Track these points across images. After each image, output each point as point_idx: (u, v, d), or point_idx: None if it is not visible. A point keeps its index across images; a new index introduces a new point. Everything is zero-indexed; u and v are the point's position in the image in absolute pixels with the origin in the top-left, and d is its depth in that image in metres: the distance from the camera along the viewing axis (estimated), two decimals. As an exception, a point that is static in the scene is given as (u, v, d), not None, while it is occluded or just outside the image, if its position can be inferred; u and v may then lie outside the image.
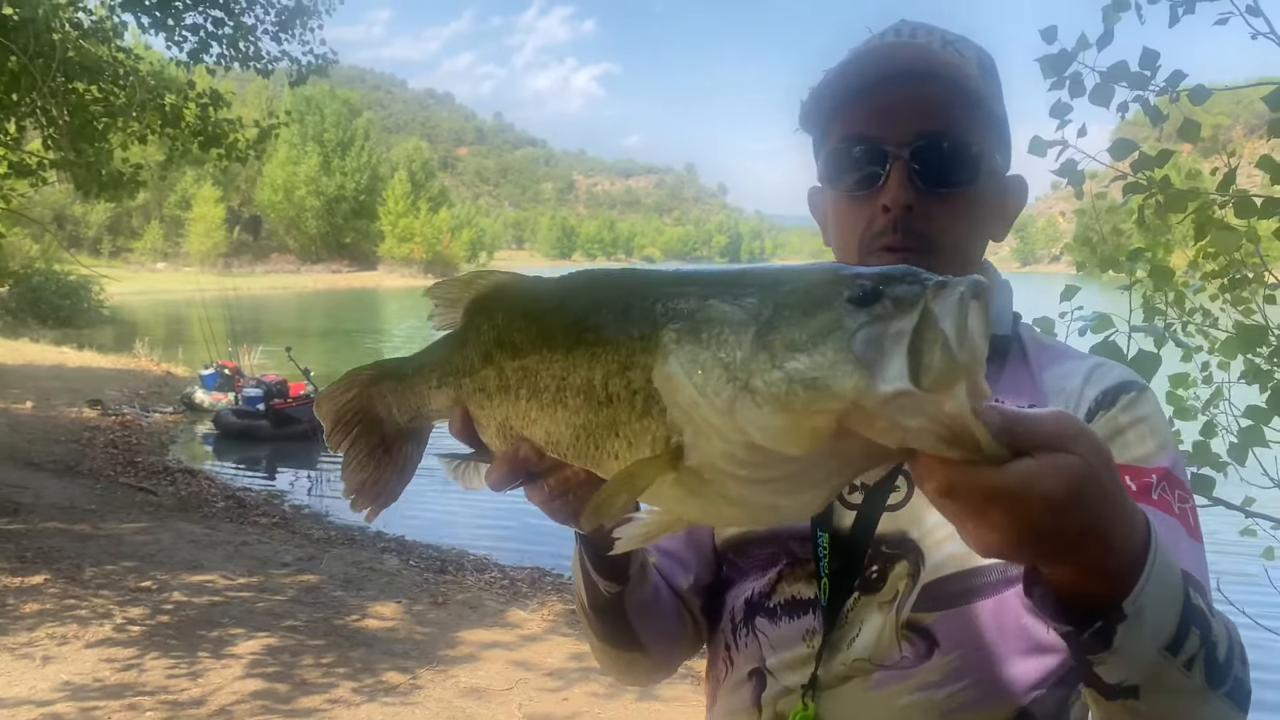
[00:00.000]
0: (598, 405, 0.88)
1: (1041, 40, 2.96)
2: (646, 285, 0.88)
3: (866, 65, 1.26)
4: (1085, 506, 0.77)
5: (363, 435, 1.16)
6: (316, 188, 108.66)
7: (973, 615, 1.22)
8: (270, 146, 12.58)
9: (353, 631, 7.02)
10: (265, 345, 24.87)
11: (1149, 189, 2.70)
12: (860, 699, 1.25)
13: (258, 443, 16.64)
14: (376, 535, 10.49)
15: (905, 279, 0.76)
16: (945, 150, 1.25)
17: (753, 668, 1.33)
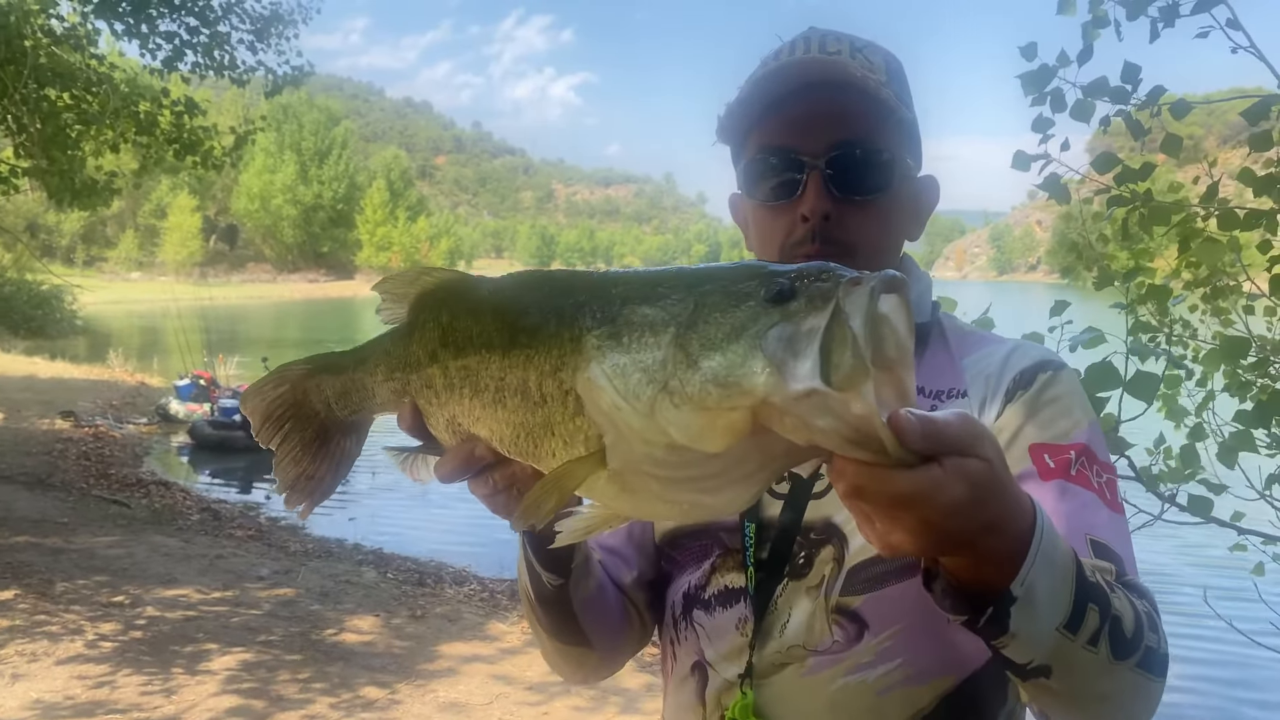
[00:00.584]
0: (533, 405, 0.90)
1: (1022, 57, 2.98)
2: (578, 288, 0.90)
3: (780, 79, 1.28)
4: (986, 505, 0.80)
5: (295, 430, 1.15)
6: (293, 196, 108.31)
7: (900, 595, 1.23)
8: (248, 154, 12.54)
9: (330, 645, 6.93)
10: (241, 355, 24.65)
11: (1132, 202, 2.70)
12: (796, 685, 1.26)
13: (233, 454, 16.43)
14: (354, 548, 10.39)
15: (820, 276, 0.78)
16: (859, 159, 1.28)
17: (694, 661, 1.36)
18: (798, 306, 0.77)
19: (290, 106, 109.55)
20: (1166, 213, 2.70)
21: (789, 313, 0.77)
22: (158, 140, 10.46)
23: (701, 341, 0.79)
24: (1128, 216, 2.74)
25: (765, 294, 0.79)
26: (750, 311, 0.79)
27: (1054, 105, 2.93)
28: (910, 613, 1.23)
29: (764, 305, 0.78)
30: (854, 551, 1.26)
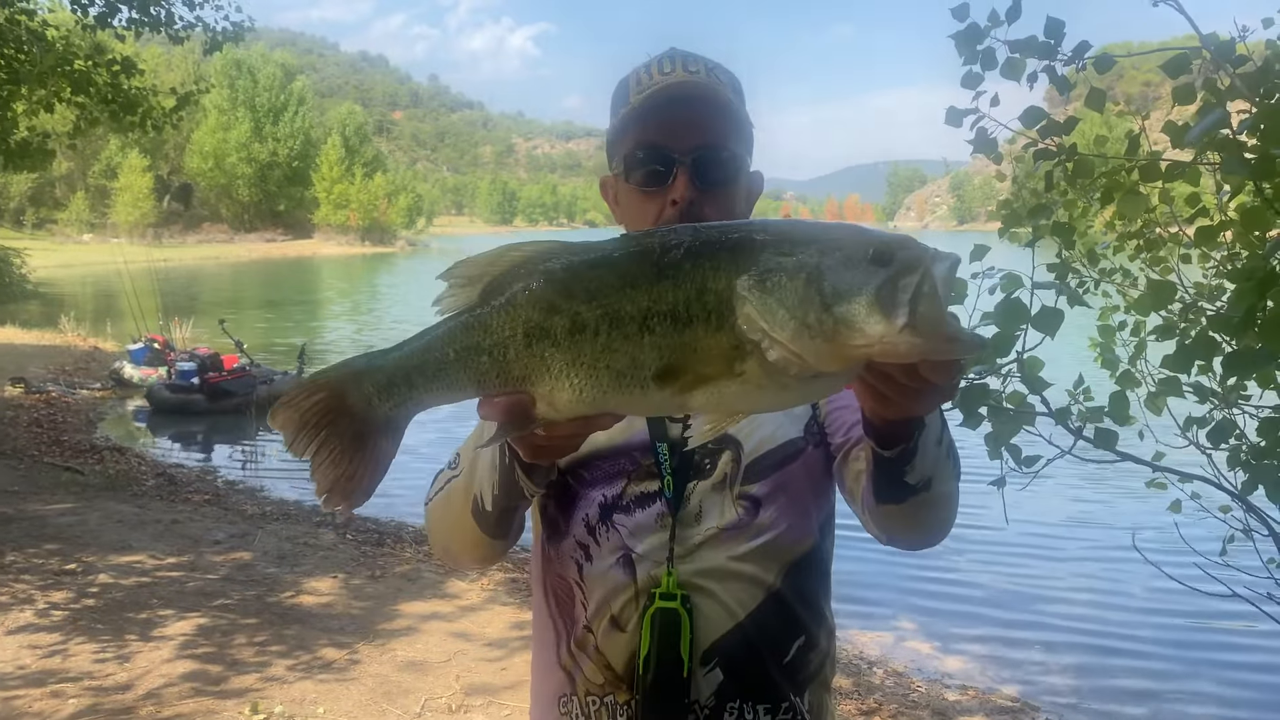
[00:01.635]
0: (681, 326, 1.11)
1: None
2: (705, 231, 1.15)
3: (658, 93, 1.63)
4: None
5: (334, 434, 1.23)
6: (248, 154, 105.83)
7: (783, 478, 1.68)
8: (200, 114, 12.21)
9: (287, 608, 6.94)
10: (198, 317, 24.32)
11: (1058, 155, 2.72)
12: (710, 555, 1.64)
13: (192, 418, 16.29)
14: (313, 510, 10.33)
15: (906, 245, 1.07)
16: (716, 157, 1.64)
17: (620, 555, 1.66)
18: (898, 269, 1.04)
19: (244, 62, 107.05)
20: (1091, 165, 2.73)
21: (892, 273, 1.04)
22: (93, 100, 10.17)
23: (832, 289, 1.05)
24: (1053, 169, 2.77)
25: (871, 255, 1.06)
26: (865, 270, 1.05)
27: (985, 64, 2.94)
28: (789, 491, 1.68)
29: (872, 265, 1.05)
30: (748, 451, 1.68)
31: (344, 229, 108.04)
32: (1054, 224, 2.75)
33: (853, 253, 1.07)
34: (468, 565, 1.78)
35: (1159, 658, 7.18)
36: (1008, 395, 2.87)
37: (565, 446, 1.36)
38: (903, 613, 8.00)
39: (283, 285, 55.41)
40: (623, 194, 1.74)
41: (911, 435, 1.35)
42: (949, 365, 1.10)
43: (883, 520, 1.55)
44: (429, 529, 1.79)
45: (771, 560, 1.66)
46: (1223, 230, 2.87)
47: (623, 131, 1.69)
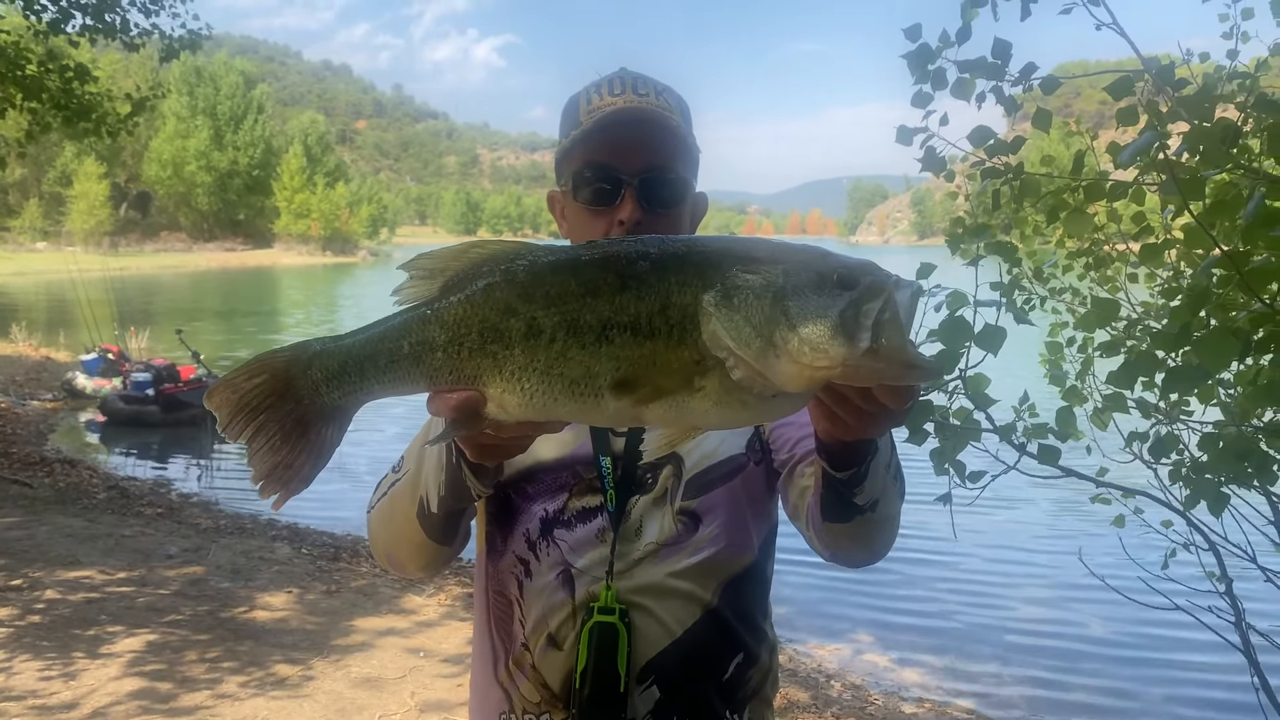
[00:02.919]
0: (641, 339, 1.11)
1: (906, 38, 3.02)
2: (671, 241, 1.16)
3: (609, 115, 1.66)
4: None
5: (273, 419, 1.20)
6: (208, 162, 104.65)
7: (721, 494, 1.70)
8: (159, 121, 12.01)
9: (240, 624, 6.83)
10: (155, 327, 23.95)
11: (1005, 174, 2.76)
12: (650, 571, 1.65)
13: (147, 429, 16.02)
14: (268, 523, 10.21)
15: (871, 271, 1.09)
16: (666, 180, 1.68)
17: (560, 570, 1.67)
18: (862, 293, 1.06)
19: (205, 69, 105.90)
20: (1037, 185, 2.77)
21: (856, 296, 1.06)
22: (45, 106, 9.98)
23: (798, 310, 1.07)
24: (999, 188, 2.81)
25: (836, 279, 1.08)
26: (830, 293, 1.07)
27: (935, 84, 2.98)
28: (729, 507, 1.70)
29: (837, 288, 1.07)
30: (689, 467, 1.70)
31: (305, 238, 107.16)
32: (994, 243, 2.79)
33: (818, 275, 1.09)
34: (412, 572, 1.74)
35: (1112, 672, 7.26)
36: (954, 411, 2.90)
37: (512, 448, 1.35)
38: (860, 626, 8.05)
39: (242, 295, 54.77)
40: (570, 211, 1.76)
41: (864, 459, 1.37)
42: (905, 390, 1.11)
43: (827, 538, 1.56)
44: (371, 535, 1.76)
45: (709, 577, 1.68)
46: (1167, 249, 2.93)
47: (572, 150, 1.71)
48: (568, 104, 1.78)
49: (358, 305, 46.02)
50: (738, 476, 1.73)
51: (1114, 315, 2.63)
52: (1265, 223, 1.81)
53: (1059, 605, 8.50)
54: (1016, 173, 2.75)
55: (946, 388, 2.86)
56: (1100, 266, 3.96)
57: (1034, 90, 2.82)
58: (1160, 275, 3.52)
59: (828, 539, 1.57)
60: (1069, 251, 4.02)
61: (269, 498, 1.22)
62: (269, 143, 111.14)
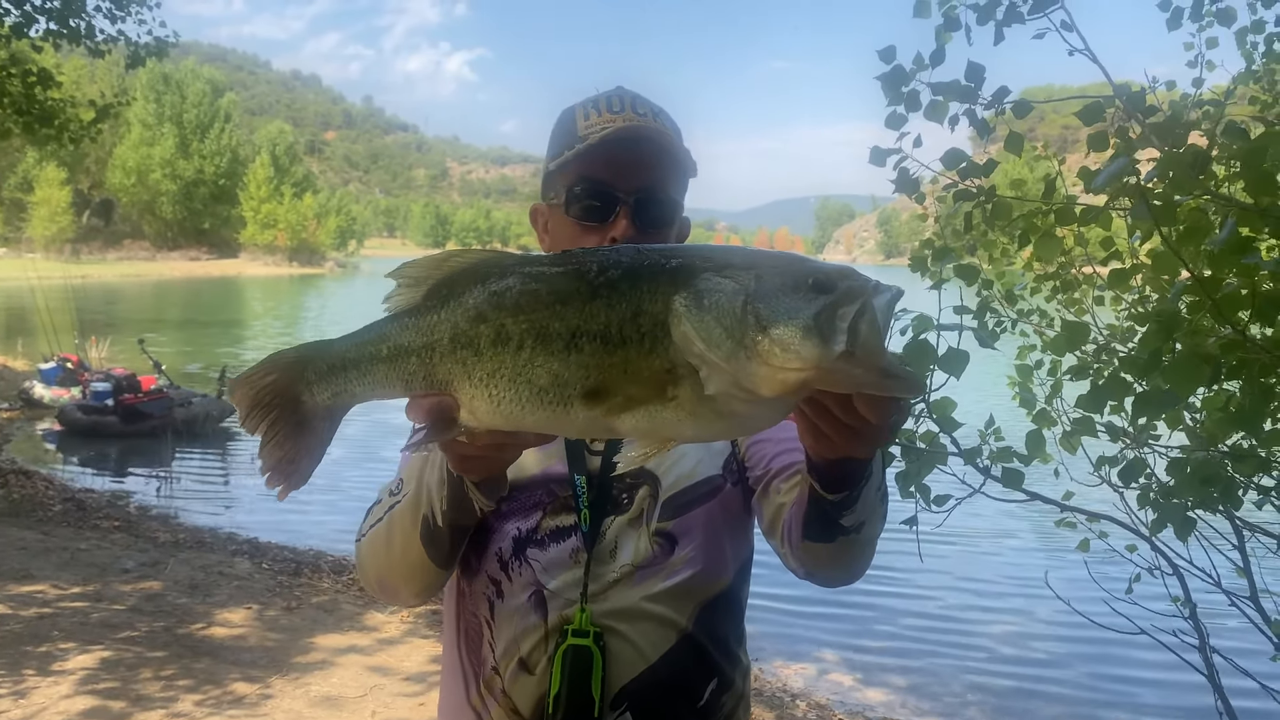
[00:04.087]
0: (612, 347, 1.09)
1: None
2: (647, 251, 1.14)
3: (610, 133, 1.65)
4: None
5: (281, 416, 1.26)
6: (173, 171, 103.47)
7: (699, 516, 1.68)
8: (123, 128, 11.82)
9: (197, 640, 6.70)
10: (116, 337, 23.59)
11: (978, 197, 2.77)
12: (625, 594, 1.62)
13: (105, 440, 15.74)
14: (228, 537, 10.07)
15: (849, 276, 1.07)
16: (659, 200, 1.69)
17: (531, 591, 1.64)
18: (838, 297, 1.04)
19: (172, 77, 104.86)
20: (1009, 208, 2.79)
21: (832, 300, 1.03)
22: (6, 111, 9.80)
23: (770, 312, 1.04)
24: (972, 211, 2.82)
25: (811, 283, 1.05)
26: (804, 296, 1.04)
27: (909, 105, 2.99)
28: (706, 529, 1.67)
29: (812, 292, 1.04)
30: (666, 487, 1.67)
31: (271, 249, 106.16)
32: (958, 266, 2.80)
33: (794, 279, 1.07)
34: (405, 598, 1.70)
35: (1076, 696, 7.30)
36: (920, 434, 2.90)
37: (493, 461, 1.35)
38: (826, 645, 8.04)
39: (206, 305, 54.13)
40: (558, 225, 1.74)
41: (857, 481, 1.34)
42: (885, 403, 1.08)
43: (806, 557, 1.54)
44: (362, 563, 1.71)
45: (685, 601, 1.65)
46: (1135, 274, 2.95)
47: (567, 165, 1.69)
48: (562, 118, 1.77)
49: (320, 318, 45.67)
50: (715, 498, 1.71)
51: (1084, 339, 2.64)
52: (1236, 249, 1.82)
53: (1023, 627, 8.53)
54: (989, 195, 2.76)
55: (914, 410, 2.85)
56: (1068, 289, 3.98)
57: (1005, 113, 2.84)
58: (1126, 299, 3.54)
59: (806, 558, 1.55)
60: (1037, 275, 4.04)
61: (274, 488, 1.28)
62: (236, 152, 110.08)
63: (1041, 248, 2.75)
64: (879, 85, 3.06)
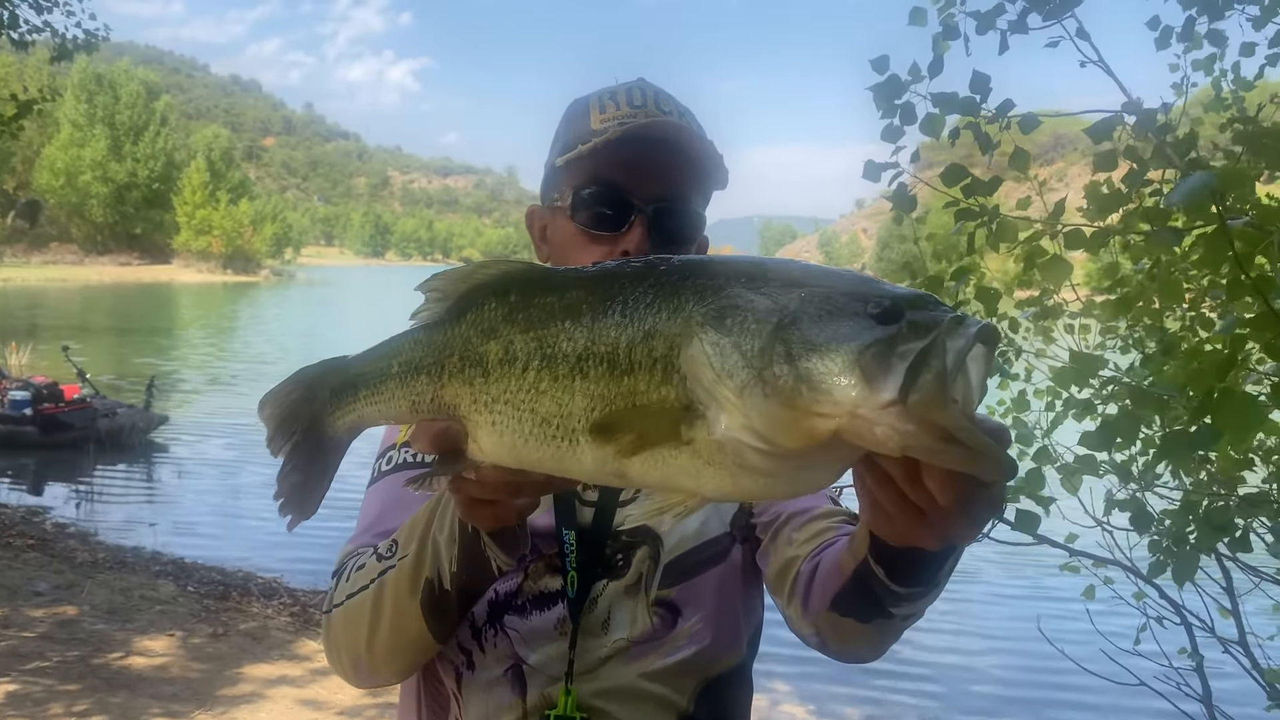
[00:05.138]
0: (619, 374, 0.92)
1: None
2: (680, 266, 0.94)
3: (629, 130, 1.42)
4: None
5: (305, 439, 1.16)
6: (104, 173, 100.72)
7: (706, 582, 1.46)
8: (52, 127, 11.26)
9: (114, 671, 6.28)
10: (38, 343, 22.70)
11: (981, 216, 2.58)
12: (619, 672, 1.40)
13: (22, 451, 14.98)
14: (152, 557, 9.58)
15: (925, 305, 0.84)
16: (679, 213, 1.47)
17: (508, 665, 1.41)
18: (901, 330, 0.82)
19: (105, 76, 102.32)
20: (1013, 229, 2.60)
21: (892, 333, 0.81)
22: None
23: (803, 339, 0.83)
24: (975, 230, 2.63)
25: (871, 309, 0.84)
26: (855, 324, 0.83)
27: (904, 118, 2.80)
28: (712, 597, 1.45)
29: (868, 320, 0.83)
30: (669, 549, 1.45)
31: (205, 255, 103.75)
32: (978, 289, 2.60)
33: (849, 301, 0.85)
34: (384, 678, 1.43)
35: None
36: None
37: (503, 506, 1.12)
38: (778, 676, 7.81)
39: (136, 310, 52.60)
40: (561, 233, 1.52)
41: (929, 577, 1.12)
42: (961, 483, 0.81)
43: (829, 629, 1.32)
44: (334, 639, 1.43)
45: (687, 679, 1.43)
46: (1137, 300, 2.78)
47: (576, 161, 1.47)
48: (572, 108, 1.55)
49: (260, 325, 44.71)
50: (724, 560, 1.48)
51: (1095, 371, 2.45)
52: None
53: (1021, 670, 8.23)
54: (993, 215, 2.57)
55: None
56: (1049, 316, 3.82)
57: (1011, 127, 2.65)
58: (1118, 328, 3.39)
59: (828, 630, 1.33)
60: (1018, 301, 3.88)
61: (286, 517, 1.16)
62: (171, 156, 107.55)
63: (1048, 271, 2.56)
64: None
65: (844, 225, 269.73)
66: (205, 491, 13.12)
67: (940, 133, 2.75)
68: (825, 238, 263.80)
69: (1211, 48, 3.66)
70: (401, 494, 1.46)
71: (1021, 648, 8.18)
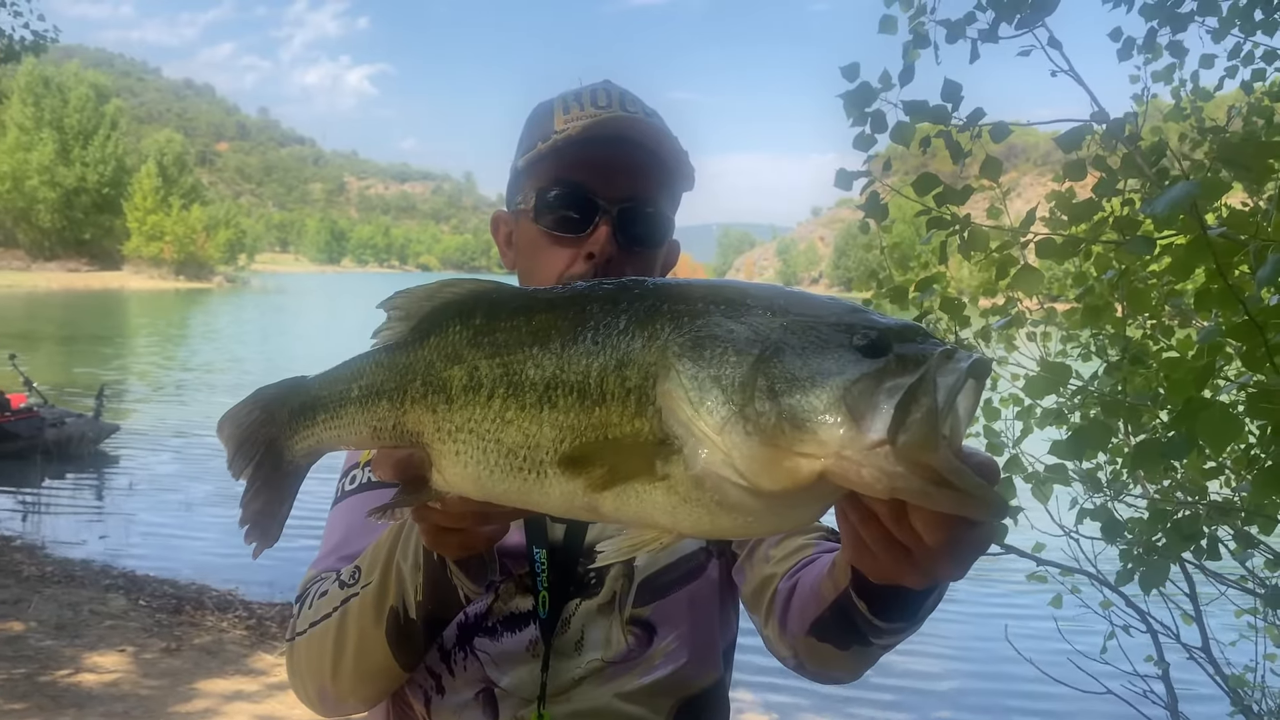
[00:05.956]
0: (590, 405, 0.88)
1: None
2: (655, 290, 0.90)
3: (591, 127, 1.38)
4: None
5: (264, 460, 1.13)
6: (52, 178, 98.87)
7: (681, 599, 1.43)
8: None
9: (62, 689, 6.10)
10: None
11: (952, 224, 2.58)
12: (593, 694, 1.37)
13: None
14: (102, 570, 9.34)
15: (914, 338, 0.81)
16: (646, 214, 1.42)
17: (479, 689, 1.38)
18: (889, 364, 0.78)
19: (53, 79, 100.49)
20: (985, 238, 2.60)
21: (879, 367, 0.78)
22: None
23: (786, 374, 0.80)
24: (947, 240, 2.63)
25: (858, 340, 0.81)
26: (841, 357, 0.80)
27: (875, 126, 2.80)
28: (688, 616, 1.43)
29: (854, 353, 0.80)
30: (643, 566, 1.42)
31: (157, 262, 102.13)
32: (943, 299, 2.60)
33: (834, 333, 0.82)
34: (351, 707, 1.39)
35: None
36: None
37: (470, 535, 1.09)
38: (741, 686, 7.78)
39: (85, 318, 51.57)
40: (526, 236, 1.48)
41: (913, 612, 1.08)
42: (948, 524, 0.78)
43: (806, 652, 1.29)
44: (297, 669, 1.39)
45: (664, 698, 1.40)
46: (1104, 309, 2.80)
47: (539, 163, 1.43)
48: (536, 111, 1.50)
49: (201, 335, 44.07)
50: (699, 577, 1.46)
51: (1065, 380, 2.46)
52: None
53: (972, 670, 8.25)
54: (964, 224, 2.57)
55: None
56: (1015, 325, 3.85)
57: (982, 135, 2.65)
58: (1083, 338, 3.41)
59: (805, 653, 1.30)
60: (983, 310, 3.91)
61: (251, 544, 1.13)
62: (121, 161, 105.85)
63: (1021, 280, 2.57)
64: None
65: (801, 233, 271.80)
66: (157, 503, 12.84)
67: (910, 141, 2.75)
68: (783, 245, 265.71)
69: (1171, 59, 3.71)
70: (366, 516, 1.42)
71: (989, 654, 8.22)
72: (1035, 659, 3.53)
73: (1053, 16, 2.72)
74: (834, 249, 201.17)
